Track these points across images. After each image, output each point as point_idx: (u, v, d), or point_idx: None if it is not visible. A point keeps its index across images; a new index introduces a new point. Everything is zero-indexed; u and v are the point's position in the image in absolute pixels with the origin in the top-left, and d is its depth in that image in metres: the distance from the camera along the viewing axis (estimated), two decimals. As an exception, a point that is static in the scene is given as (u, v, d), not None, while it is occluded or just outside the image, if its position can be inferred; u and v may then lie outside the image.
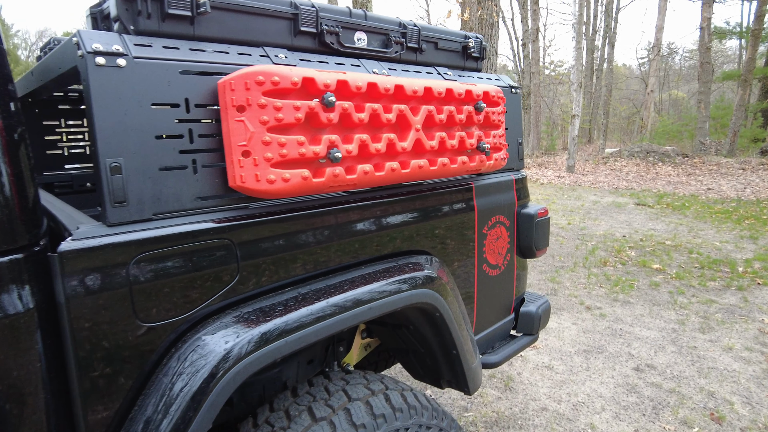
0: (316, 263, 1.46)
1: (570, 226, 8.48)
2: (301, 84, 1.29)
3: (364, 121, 1.43)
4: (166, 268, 1.18)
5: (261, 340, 1.21)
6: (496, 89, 1.92)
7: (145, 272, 1.15)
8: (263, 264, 1.35)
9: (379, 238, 1.64)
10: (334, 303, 1.35)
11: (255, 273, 1.34)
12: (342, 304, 1.36)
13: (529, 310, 2.39)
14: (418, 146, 1.62)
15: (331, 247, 1.50)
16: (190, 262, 1.22)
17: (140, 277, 1.14)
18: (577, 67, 16.04)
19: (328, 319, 1.32)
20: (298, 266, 1.42)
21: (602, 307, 4.97)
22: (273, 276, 1.37)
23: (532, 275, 5.97)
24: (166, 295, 1.19)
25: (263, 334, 1.22)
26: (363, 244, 1.59)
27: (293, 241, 1.42)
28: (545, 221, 2.35)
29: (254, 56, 1.41)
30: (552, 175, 15.80)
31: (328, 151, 1.35)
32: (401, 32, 1.86)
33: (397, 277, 1.54)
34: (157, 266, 1.17)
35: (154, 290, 1.17)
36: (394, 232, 1.69)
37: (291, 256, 1.41)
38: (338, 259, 1.52)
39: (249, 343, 1.20)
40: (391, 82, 1.50)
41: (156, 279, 1.17)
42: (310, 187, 1.33)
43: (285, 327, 1.25)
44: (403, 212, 1.73)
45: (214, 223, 1.26)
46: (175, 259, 1.20)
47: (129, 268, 1.12)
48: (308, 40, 1.60)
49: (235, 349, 1.18)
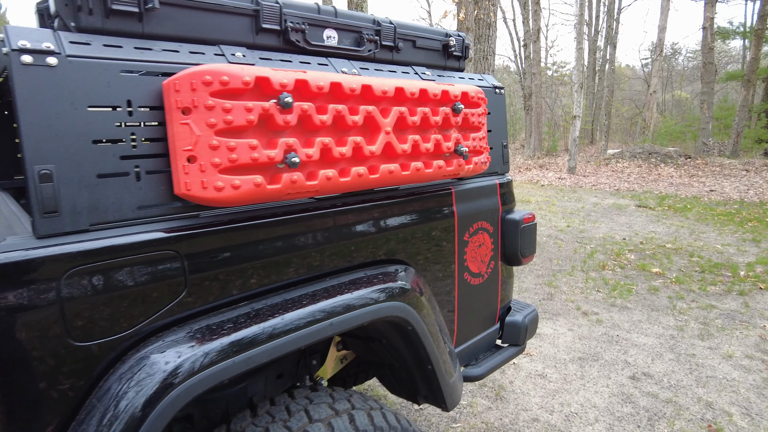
0: (274, 276, 1.37)
1: (569, 229, 8.37)
2: (253, 84, 1.21)
3: (326, 123, 1.35)
4: (104, 283, 1.09)
5: (204, 361, 1.12)
6: (476, 90, 1.83)
7: (79, 288, 1.06)
8: (214, 277, 1.26)
9: (347, 248, 1.55)
10: (289, 319, 1.26)
11: (205, 287, 1.25)
12: (298, 320, 1.27)
13: (515, 320, 2.29)
14: (388, 150, 1.53)
15: (291, 258, 1.41)
16: (131, 276, 1.13)
17: (73, 294, 1.05)
18: (578, 68, 15.92)
19: (282, 338, 1.23)
20: (254, 279, 1.33)
21: (599, 312, 4.86)
22: (225, 290, 1.28)
23: (528, 279, 5.87)
24: (103, 313, 1.10)
25: (207, 355, 1.13)
26: (328, 254, 1.50)
27: (249, 252, 1.33)
28: (531, 227, 2.26)
29: (208, 55, 1.33)
30: (553, 177, 15.68)
31: (284, 156, 1.26)
32: (375, 30, 1.77)
33: (364, 290, 1.45)
34: (93, 281, 1.08)
35: (90, 307, 1.08)
36: (364, 241, 1.60)
37: (246, 269, 1.32)
38: (300, 270, 1.43)
39: (191, 364, 1.11)
40: (357, 81, 1.41)
41: (92, 295, 1.08)
42: (265, 195, 1.24)
43: (232, 347, 1.16)
44: (374, 220, 1.64)
45: (158, 234, 1.17)
46: (113, 273, 1.11)
47: (60, 284, 1.04)
48: (272, 38, 1.52)
49: (175, 371, 1.09)
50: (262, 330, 1.21)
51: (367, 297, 1.43)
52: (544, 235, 7.98)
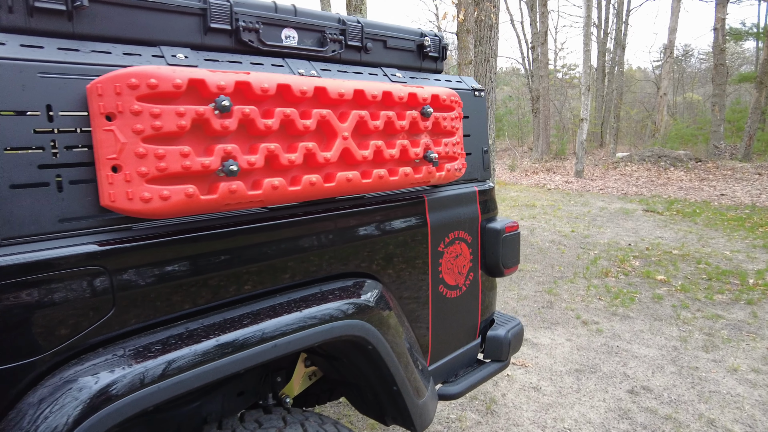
0: (216, 293, 1.27)
1: (573, 234, 8.20)
2: (186, 87, 1.12)
3: (272, 128, 1.25)
4: (17, 302, 1.00)
5: (125, 387, 1.03)
6: (449, 92, 1.72)
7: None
8: (147, 295, 1.17)
9: (302, 262, 1.45)
10: (225, 341, 1.16)
11: (136, 306, 1.15)
12: (235, 342, 1.18)
13: (497, 335, 2.17)
14: (347, 157, 1.43)
15: (237, 273, 1.31)
16: (50, 294, 1.04)
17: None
18: (585, 70, 15.72)
19: (216, 361, 1.14)
20: (192, 297, 1.24)
21: (600, 321, 4.71)
22: (159, 309, 1.19)
23: (528, 287, 5.73)
24: (16, 335, 1.01)
25: (128, 380, 1.04)
26: (280, 269, 1.40)
27: (188, 268, 1.23)
28: (514, 237, 2.14)
29: (145, 56, 1.24)
30: (560, 181, 15.47)
31: (222, 164, 1.17)
32: (340, 29, 1.67)
33: (315, 308, 1.35)
34: (6, 300, 0.99)
35: (4, 328, 0.99)
36: (321, 254, 1.50)
37: (183, 286, 1.22)
38: (246, 287, 1.33)
39: (112, 390, 1.02)
40: (309, 83, 1.32)
41: (4, 315, 0.99)
42: (199, 206, 1.15)
43: (157, 371, 1.06)
44: (334, 231, 1.54)
45: (82, 249, 1.08)
46: (29, 291, 1.02)
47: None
48: (222, 39, 1.43)
49: (94, 397, 1.00)
50: (193, 353, 1.11)
51: (318, 315, 1.33)
52: (547, 241, 7.83)
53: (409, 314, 1.80)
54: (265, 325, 1.23)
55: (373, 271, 1.65)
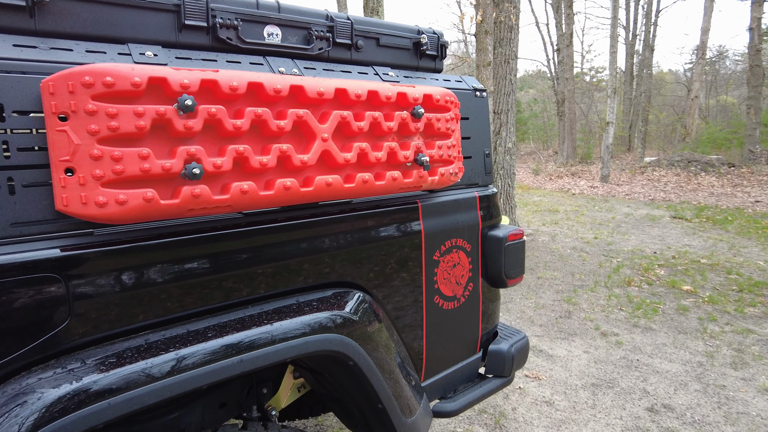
0: (181, 303, 1.20)
1: (596, 241, 7.93)
2: (146, 85, 1.05)
3: (242, 129, 1.18)
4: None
5: (74, 402, 0.96)
6: (444, 92, 1.62)
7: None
8: (107, 305, 1.11)
9: (279, 271, 1.37)
10: (185, 355, 1.09)
11: (93, 316, 1.09)
12: (197, 355, 1.10)
13: (499, 349, 2.05)
14: (328, 159, 1.35)
15: (205, 283, 1.24)
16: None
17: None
18: (611, 73, 15.31)
19: (174, 377, 1.06)
20: (155, 307, 1.17)
21: (619, 333, 4.50)
22: (118, 320, 1.12)
23: (546, 295, 5.54)
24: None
25: (79, 396, 0.97)
26: (254, 278, 1.32)
27: (151, 276, 1.16)
28: (518, 245, 2.02)
29: (110, 54, 1.18)
30: (585, 185, 15.09)
31: (184, 166, 1.10)
32: (327, 26, 1.59)
33: (289, 321, 1.26)
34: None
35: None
36: (301, 263, 1.42)
37: (145, 295, 1.16)
38: (214, 297, 1.26)
39: (58, 405, 0.95)
40: (284, 81, 1.24)
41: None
42: (160, 211, 1.08)
43: (108, 386, 0.99)
44: (316, 238, 1.45)
45: (34, 255, 1.03)
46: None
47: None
48: (198, 36, 1.36)
49: (35, 414, 0.94)
50: (150, 367, 1.04)
51: (291, 328, 1.25)
52: (569, 247, 7.59)
53: (401, 327, 1.70)
54: (230, 338, 1.15)
55: (360, 280, 1.56)
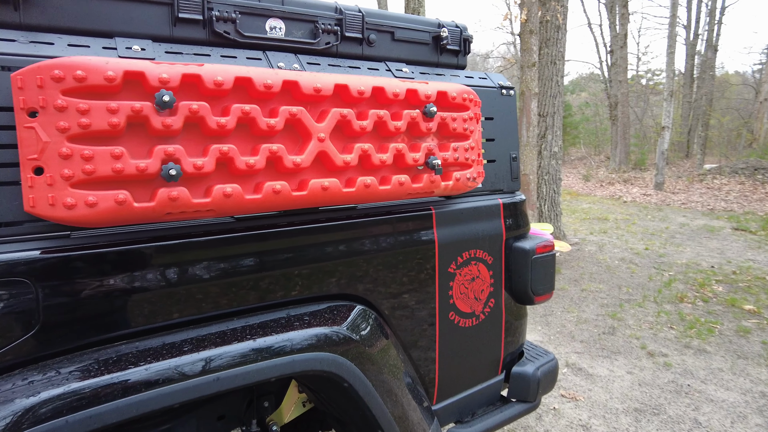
0: (160, 313, 1.12)
1: (647, 252, 7.44)
2: (121, 80, 0.98)
3: (227, 127, 1.09)
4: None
5: (29, 418, 0.90)
6: (462, 89, 1.48)
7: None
8: (79, 313, 1.04)
9: (271, 281, 1.27)
10: (156, 370, 1.00)
11: (65, 323, 1.03)
12: (168, 371, 1.01)
13: (524, 372, 1.87)
14: (326, 162, 1.24)
15: (188, 292, 1.16)
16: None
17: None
18: (668, 74, 14.46)
19: (142, 393, 0.98)
20: (131, 317, 1.09)
21: (669, 354, 4.14)
22: (90, 329, 1.05)
23: (589, 309, 5.21)
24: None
25: (37, 411, 0.90)
26: (241, 288, 1.23)
27: (130, 284, 1.09)
28: (548, 258, 1.84)
29: (94, 48, 1.12)
30: (637, 193, 14.31)
31: (162, 167, 1.02)
32: (336, 19, 1.49)
33: (274, 337, 1.16)
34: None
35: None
36: (296, 274, 1.31)
37: (121, 305, 1.08)
38: (197, 308, 1.17)
39: (11, 421, 0.89)
40: (276, 76, 1.14)
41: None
42: (133, 214, 1.01)
43: (71, 401, 0.92)
44: (310, 246, 1.34)
45: (2, 258, 0.97)
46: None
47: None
48: (194, 30, 1.29)
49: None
50: (115, 382, 0.97)
51: (276, 345, 1.14)
52: (617, 258, 7.16)
53: (410, 345, 1.56)
54: (207, 353, 1.06)
55: (364, 294, 1.44)
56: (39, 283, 1.00)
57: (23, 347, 0.99)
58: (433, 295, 1.60)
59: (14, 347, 0.98)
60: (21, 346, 0.99)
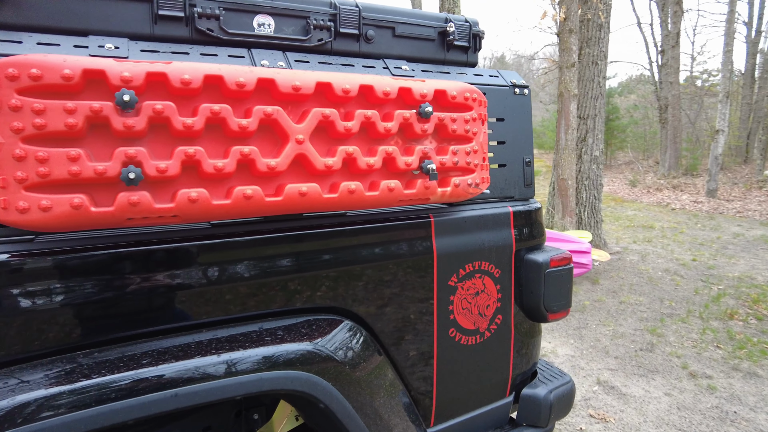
0: (123, 323, 1.07)
1: (694, 264, 6.97)
2: (80, 78, 0.93)
3: (195, 128, 1.02)
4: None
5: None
6: (464, 88, 1.37)
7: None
8: (32, 321, 1.00)
9: (241, 292, 1.20)
10: (104, 383, 0.95)
11: (16, 333, 0.99)
12: (121, 385, 0.96)
13: (534, 395, 1.72)
14: (306, 165, 1.16)
15: (153, 302, 1.10)
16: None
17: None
18: (724, 74, 13.60)
19: (92, 408, 0.92)
20: (90, 327, 1.04)
21: (714, 376, 3.81)
22: (47, 338, 1.01)
23: (627, 322, 4.91)
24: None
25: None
26: (210, 299, 1.16)
27: (92, 292, 1.05)
28: (563, 273, 1.69)
29: (65, 46, 1.09)
30: (687, 200, 13.53)
31: (121, 170, 0.97)
32: (330, 14, 1.41)
33: (241, 352, 1.08)
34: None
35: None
36: (274, 284, 1.23)
37: (81, 313, 1.04)
38: (162, 318, 1.11)
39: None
40: (250, 74, 1.07)
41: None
42: (90, 219, 0.96)
43: (14, 415, 0.88)
44: (291, 255, 1.26)
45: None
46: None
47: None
48: (177, 28, 1.24)
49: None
50: (64, 394, 0.91)
51: (242, 361, 1.06)
52: (660, 269, 6.74)
53: (403, 363, 1.46)
54: (166, 367, 1.00)
55: (351, 307, 1.34)
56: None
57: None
58: (430, 310, 1.48)
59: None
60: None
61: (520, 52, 43.43)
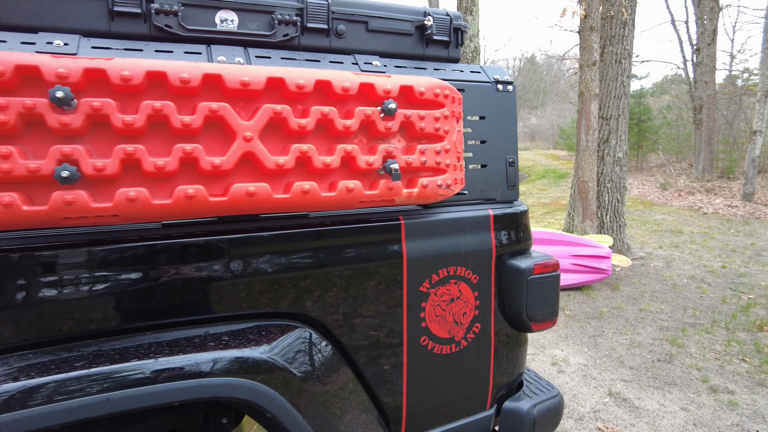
0: (62, 324, 1.05)
1: (723, 271, 6.64)
2: (12, 74, 0.91)
3: (135, 126, 1.00)
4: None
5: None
6: (434, 84, 1.30)
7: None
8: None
9: (188, 295, 1.16)
10: (35, 386, 0.92)
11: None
12: (47, 388, 0.93)
13: (516, 408, 1.63)
14: (256, 163, 1.12)
15: (95, 300, 1.08)
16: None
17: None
18: (763, 73, 12.99)
19: (17, 412, 0.90)
20: (26, 328, 1.03)
21: (736, 391, 3.60)
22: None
23: (646, 331, 4.70)
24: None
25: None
26: (154, 301, 1.13)
27: (34, 289, 1.03)
28: (548, 280, 1.60)
29: (11, 43, 1.08)
30: (721, 204, 12.96)
31: (55, 168, 0.95)
32: (296, 9, 1.37)
33: (180, 357, 1.05)
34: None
35: None
36: (216, 288, 1.19)
37: (21, 313, 1.02)
38: (102, 320, 1.09)
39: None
40: (195, 70, 1.04)
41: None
42: (22, 218, 0.94)
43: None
44: (247, 257, 1.22)
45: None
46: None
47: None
48: (134, 24, 1.22)
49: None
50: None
51: (182, 366, 1.03)
52: (686, 276, 6.46)
53: (369, 373, 1.40)
54: (99, 370, 0.97)
55: (309, 312, 1.29)
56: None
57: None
58: (399, 317, 1.42)
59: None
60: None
61: (549, 52, 42.61)
